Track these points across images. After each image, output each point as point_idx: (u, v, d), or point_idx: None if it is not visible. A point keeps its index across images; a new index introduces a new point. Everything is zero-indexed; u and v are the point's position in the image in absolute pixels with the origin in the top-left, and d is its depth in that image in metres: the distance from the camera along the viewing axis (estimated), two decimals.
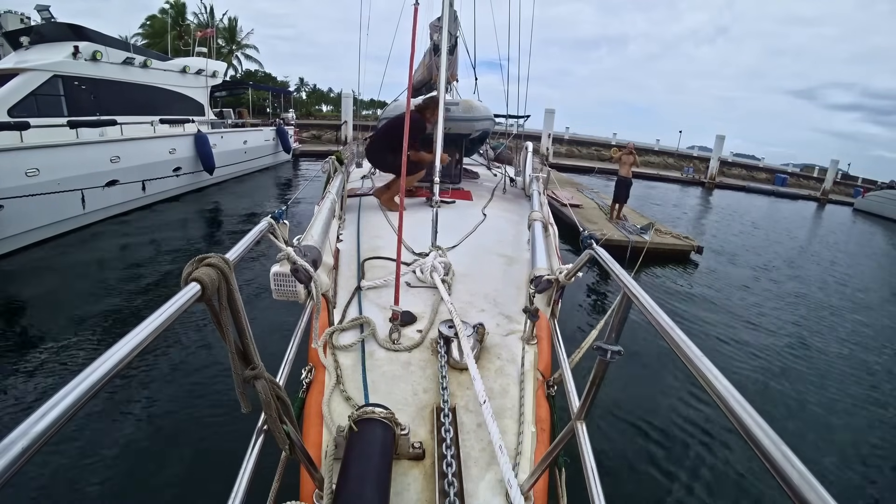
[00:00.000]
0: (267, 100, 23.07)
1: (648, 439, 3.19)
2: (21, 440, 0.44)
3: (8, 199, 5.88)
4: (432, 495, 1.15)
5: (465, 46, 5.64)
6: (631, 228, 8.19)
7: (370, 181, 3.96)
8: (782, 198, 22.00)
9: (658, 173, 23.44)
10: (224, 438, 2.79)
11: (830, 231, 14.39)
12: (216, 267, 0.80)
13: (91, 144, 7.52)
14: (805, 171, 29.94)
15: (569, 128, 31.40)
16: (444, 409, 1.34)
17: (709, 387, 0.63)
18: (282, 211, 1.59)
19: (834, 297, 7.13)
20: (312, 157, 18.14)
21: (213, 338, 3.91)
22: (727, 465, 3.02)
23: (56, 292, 5.01)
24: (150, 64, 10.66)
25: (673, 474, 2.90)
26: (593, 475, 1.01)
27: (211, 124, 12.53)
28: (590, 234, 1.52)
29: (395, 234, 2.01)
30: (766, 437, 0.52)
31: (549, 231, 2.53)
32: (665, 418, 3.43)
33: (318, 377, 1.58)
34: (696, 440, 3.22)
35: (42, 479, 2.52)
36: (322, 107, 41.46)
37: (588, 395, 1.04)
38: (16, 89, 7.61)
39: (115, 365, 0.57)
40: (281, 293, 1.52)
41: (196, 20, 26.79)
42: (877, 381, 4.52)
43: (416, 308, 1.96)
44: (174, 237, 7.48)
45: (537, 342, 1.77)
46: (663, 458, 3.02)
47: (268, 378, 0.90)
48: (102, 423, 2.96)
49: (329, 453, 1.22)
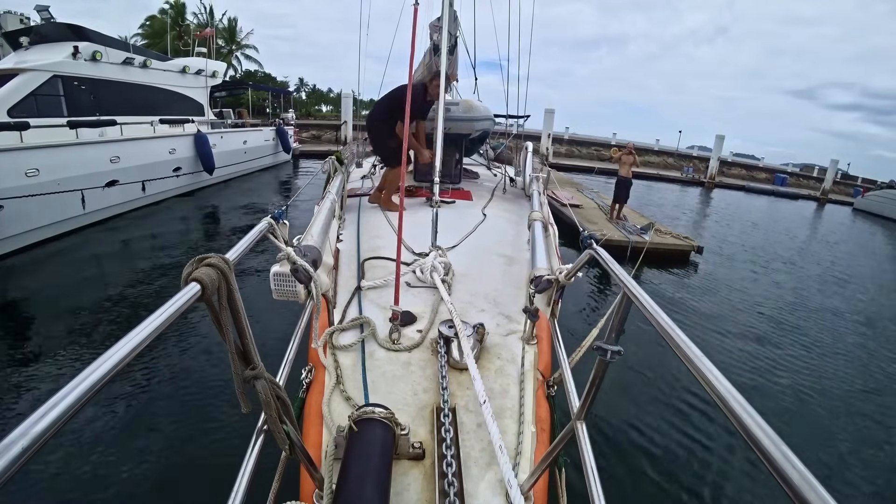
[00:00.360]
0: (267, 100, 23.07)
1: (649, 439, 3.18)
2: (21, 440, 0.44)
3: (8, 200, 5.88)
4: (432, 495, 1.15)
5: (465, 46, 5.64)
6: (631, 228, 8.19)
7: (370, 181, 3.96)
8: (782, 197, 22.01)
9: (658, 173, 23.45)
10: (224, 438, 2.79)
11: (830, 231, 14.39)
12: (216, 267, 0.80)
13: (91, 144, 7.52)
14: (805, 171, 29.96)
15: (569, 128, 31.48)
16: (444, 409, 1.34)
17: (709, 387, 0.63)
18: (282, 211, 1.59)
19: (835, 297, 7.13)
20: (312, 157, 18.15)
21: (213, 338, 3.90)
22: (727, 465, 3.03)
23: (56, 292, 5.00)
24: (149, 64, 10.66)
25: (673, 474, 2.90)
26: (593, 475, 1.01)
27: (211, 124, 12.53)
28: (590, 235, 1.52)
29: (395, 234, 2.01)
30: (767, 438, 0.52)
31: (549, 231, 2.53)
32: (665, 418, 3.43)
33: (318, 377, 1.58)
34: (696, 440, 3.22)
35: (42, 479, 2.52)
36: (322, 107, 41.49)
37: (588, 395, 1.04)
38: (16, 89, 7.60)
39: (116, 365, 0.57)
40: (281, 293, 1.52)
41: (196, 20, 26.81)
42: (879, 385, 4.52)
43: (416, 308, 1.96)
44: (174, 237, 7.48)
45: (537, 342, 1.77)
46: (663, 459, 3.02)
47: (268, 378, 0.90)
48: (102, 422, 2.96)
49: (329, 453, 1.22)
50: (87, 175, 7.26)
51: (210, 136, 10.86)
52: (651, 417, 3.42)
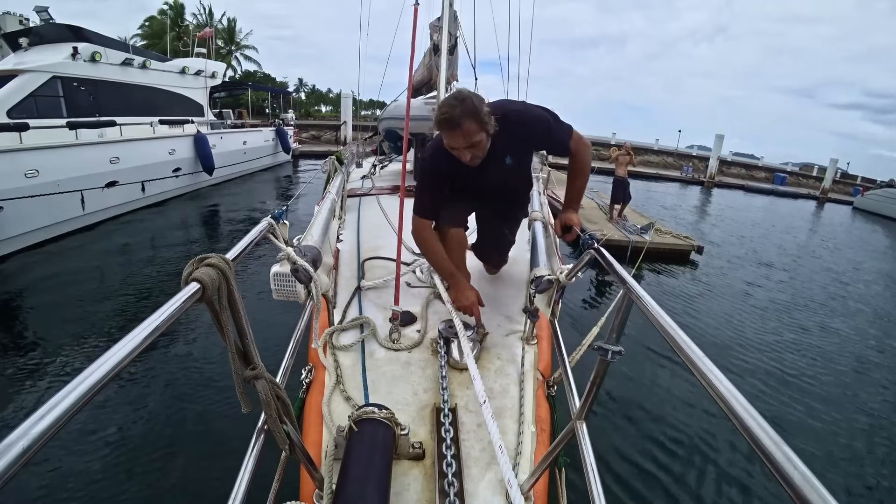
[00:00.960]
0: (266, 100, 23.09)
1: (649, 439, 3.18)
2: (21, 440, 0.44)
3: (7, 201, 5.87)
4: (432, 495, 1.15)
5: (465, 46, 5.63)
6: (631, 228, 8.19)
7: (370, 181, 3.96)
8: (782, 197, 22.02)
9: (657, 172, 23.46)
10: (224, 438, 2.79)
11: (830, 230, 14.39)
12: (216, 267, 0.80)
13: (90, 145, 7.52)
14: (804, 170, 29.97)
15: None
16: (444, 409, 1.34)
17: (710, 387, 0.63)
18: (282, 211, 1.58)
19: (834, 298, 7.13)
20: (312, 158, 18.15)
21: (212, 337, 3.90)
22: (728, 465, 3.02)
23: (56, 293, 5.00)
24: (149, 65, 10.67)
25: (673, 474, 2.90)
26: (593, 475, 1.01)
27: (210, 125, 12.54)
28: (590, 235, 1.51)
29: (395, 234, 2.01)
30: (768, 438, 0.51)
31: (549, 231, 2.52)
32: (666, 418, 3.43)
33: (318, 377, 1.58)
34: (696, 440, 3.22)
35: (42, 479, 2.52)
36: (321, 107, 41.51)
37: (588, 395, 1.04)
38: (15, 91, 7.61)
39: (116, 365, 0.56)
40: (281, 293, 1.51)
41: (195, 21, 26.82)
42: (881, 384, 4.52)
43: (416, 308, 1.96)
44: (174, 238, 7.48)
45: (537, 342, 1.77)
46: (664, 458, 3.02)
47: (268, 378, 0.90)
48: (102, 422, 2.96)
49: (329, 453, 1.22)
50: (87, 176, 7.26)
51: (210, 137, 10.86)
52: (651, 417, 3.42)
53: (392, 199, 3.43)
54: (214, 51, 19.11)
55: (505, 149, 1.77)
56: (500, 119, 1.64)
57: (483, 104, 1.58)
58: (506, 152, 1.79)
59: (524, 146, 1.83)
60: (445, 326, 1.73)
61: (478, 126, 1.56)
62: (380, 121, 4.78)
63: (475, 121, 1.55)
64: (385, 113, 4.62)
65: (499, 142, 1.70)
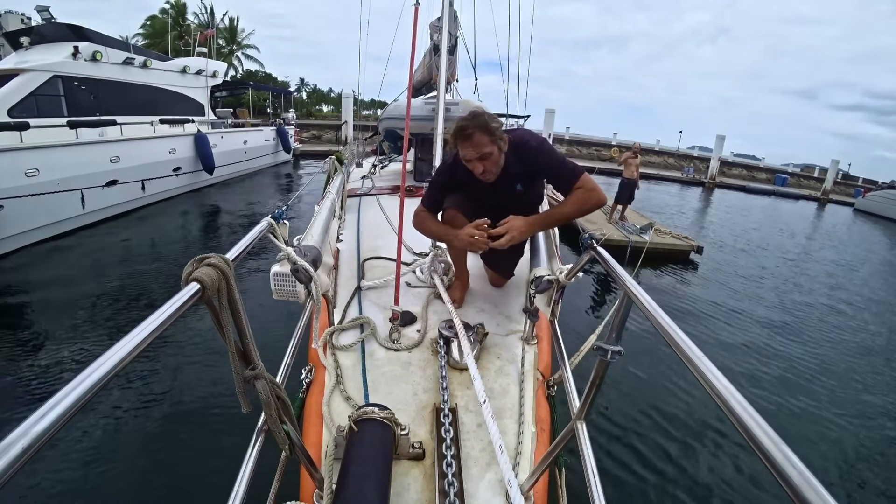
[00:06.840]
0: (267, 100, 23.08)
1: (649, 439, 3.18)
2: (21, 440, 0.44)
3: (8, 199, 5.88)
4: (432, 495, 1.15)
5: (465, 46, 5.64)
6: (631, 228, 8.18)
7: (370, 181, 3.96)
8: (783, 198, 22.00)
9: (658, 173, 23.45)
10: (224, 438, 2.79)
11: (831, 231, 14.38)
12: (216, 267, 0.80)
13: (91, 144, 7.52)
14: (805, 171, 29.92)
15: (569, 128, 31.46)
16: (444, 409, 1.34)
17: (709, 386, 0.63)
18: (282, 211, 1.58)
19: (835, 298, 7.13)
20: (313, 157, 18.14)
21: (212, 337, 3.90)
22: (727, 465, 3.02)
23: (55, 292, 5.00)
24: (150, 64, 10.67)
25: (673, 474, 2.90)
26: (593, 475, 1.01)
27: (211, 124, 12.54)
28: (590, 235, 1.51)
29: (395, 234, 2.01)
30: (767, 438, 0.52)
31: (548, 232, 2.53)
32: (666, 418, 3.43)
33: (318, 377, 1.58)
34: (696, 440, 3.22)
35: (41, 479, 2.52)
36: (322, 107, 41.52)
37: (588, 395, 1.04)
38: (16, 90, 7.61)
39: (116, 365, 0.56)
40: (281, 293, 1.51)
41: (196, 20, 26.82)
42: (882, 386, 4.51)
43: (416, 308, 1.96)
44: (174, 237, 7.48)
45: (537, 342, 1.77)
46: (663, 458, 3.02)
47: (268, 378, 0.90)
48: (102, 423, 2.96)
49: (329, 453, 1.22)
50: (87, 175, 7.26)
51: (210, 136, 10.86)
52: (651, 417, 3.42)
53: (392, 199, 3.43)
54: (216, 50, 19.13)
55: (517, 178, 1.88)
56: (513, 147, 1.80)
57: (494, 121, 1.73)
58: (517, 180, 1.90)
59: (531, 178, 1.94)
60: (445, 326, 1.73)
61: (488, 138, 1.70)
62: (380, 121, 4.78)
63: (486, 133, 1.69)
64: (385, 113, 4.62)
65: (511, 169, 1.83)
